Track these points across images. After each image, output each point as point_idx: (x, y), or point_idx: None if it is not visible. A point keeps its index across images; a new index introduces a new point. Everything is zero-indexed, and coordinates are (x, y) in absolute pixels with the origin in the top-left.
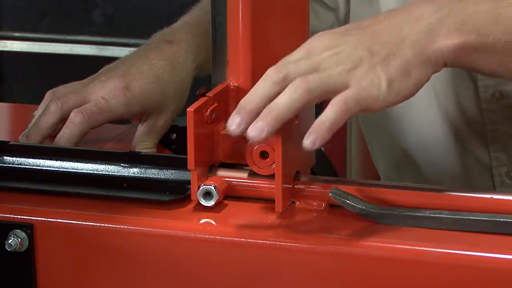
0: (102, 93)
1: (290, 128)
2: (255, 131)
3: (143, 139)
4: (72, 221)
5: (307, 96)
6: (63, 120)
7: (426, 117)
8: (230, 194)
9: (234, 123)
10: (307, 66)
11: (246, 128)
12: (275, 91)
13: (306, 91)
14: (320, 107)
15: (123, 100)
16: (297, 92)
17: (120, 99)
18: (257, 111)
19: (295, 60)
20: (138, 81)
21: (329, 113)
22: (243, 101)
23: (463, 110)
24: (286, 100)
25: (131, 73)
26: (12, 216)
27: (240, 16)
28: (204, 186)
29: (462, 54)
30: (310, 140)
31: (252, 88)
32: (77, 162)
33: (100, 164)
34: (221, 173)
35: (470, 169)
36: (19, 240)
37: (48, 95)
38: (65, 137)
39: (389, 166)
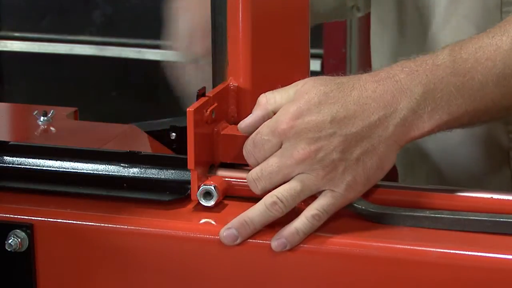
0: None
1: None
2: (229, 238)
3: None
4: (72, 221)
5: (280, 210)
6: None
7: None
8: (230, 194)
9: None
10: (281, 177)
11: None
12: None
13: (277, 205)
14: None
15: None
16: (269, 209)
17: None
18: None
19: (270, 170)
20: None
21: (304, 226)
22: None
23: None
24: (259, 216)
25: None
26: (12, 216)
27: (240, 16)
28: (204, 186)
29: (432, 131)
30: (279, 245)
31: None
32: (77, 162)
33: (100, 164)
34: (221, 173)
35: (488, 153)
36: (19, 240)
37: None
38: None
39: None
